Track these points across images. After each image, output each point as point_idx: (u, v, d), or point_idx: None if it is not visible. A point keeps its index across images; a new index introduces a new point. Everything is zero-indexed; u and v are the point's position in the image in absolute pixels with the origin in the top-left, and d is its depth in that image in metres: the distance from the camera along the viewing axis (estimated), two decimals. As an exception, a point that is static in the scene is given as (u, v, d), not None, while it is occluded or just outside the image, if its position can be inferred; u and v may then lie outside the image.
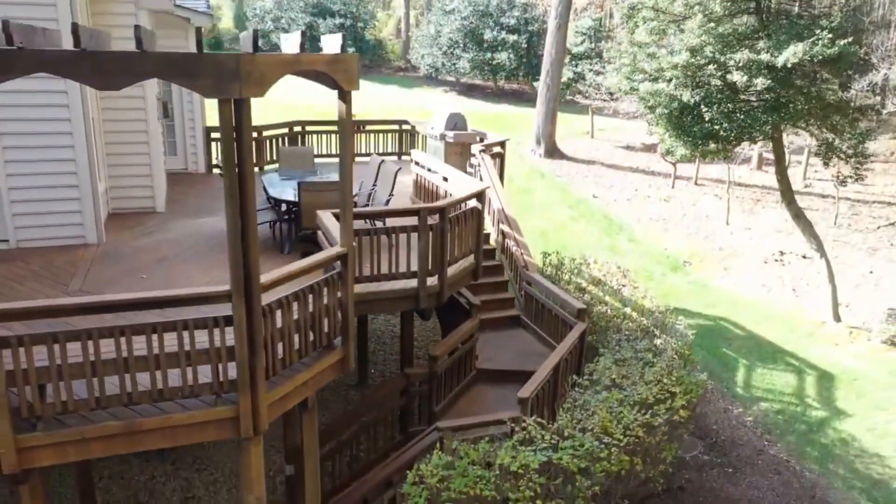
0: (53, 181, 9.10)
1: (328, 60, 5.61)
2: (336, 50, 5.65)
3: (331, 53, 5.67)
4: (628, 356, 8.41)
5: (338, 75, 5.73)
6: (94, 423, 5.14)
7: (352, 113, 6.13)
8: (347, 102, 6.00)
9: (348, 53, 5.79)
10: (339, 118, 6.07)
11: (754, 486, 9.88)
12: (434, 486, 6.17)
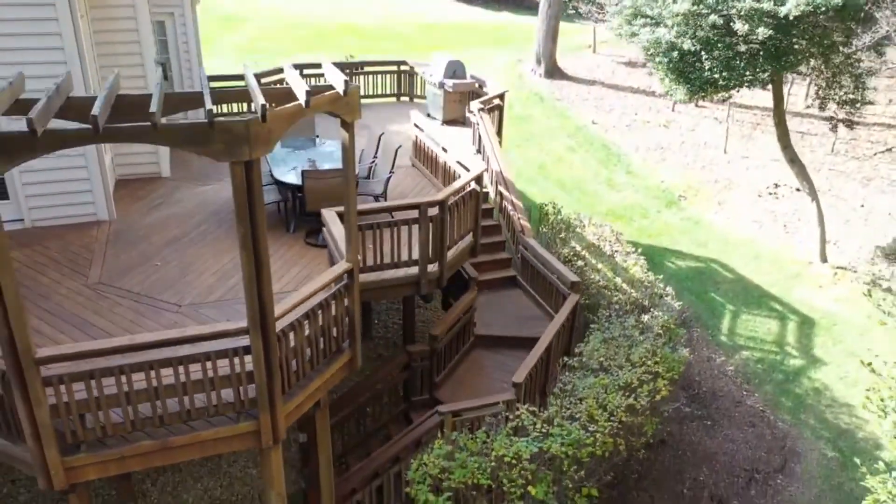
0: (62, 162, 9.28)
1: (332, 100, 5.81)
2: (340, 88, 5.82)
3: (334, 93, 5.85)
4: (616, 334, 8.98)
5: (341, 111, 5.95)
6: (131, 442, 5.74)
7: (354, 139, 6.37)
8: (350, 131, 6.23)
9: (350, 89, 5.97)
10: (343, 145, 6.32)
11: (730, 440, 10.73)
12: (436, 476, 6.88)
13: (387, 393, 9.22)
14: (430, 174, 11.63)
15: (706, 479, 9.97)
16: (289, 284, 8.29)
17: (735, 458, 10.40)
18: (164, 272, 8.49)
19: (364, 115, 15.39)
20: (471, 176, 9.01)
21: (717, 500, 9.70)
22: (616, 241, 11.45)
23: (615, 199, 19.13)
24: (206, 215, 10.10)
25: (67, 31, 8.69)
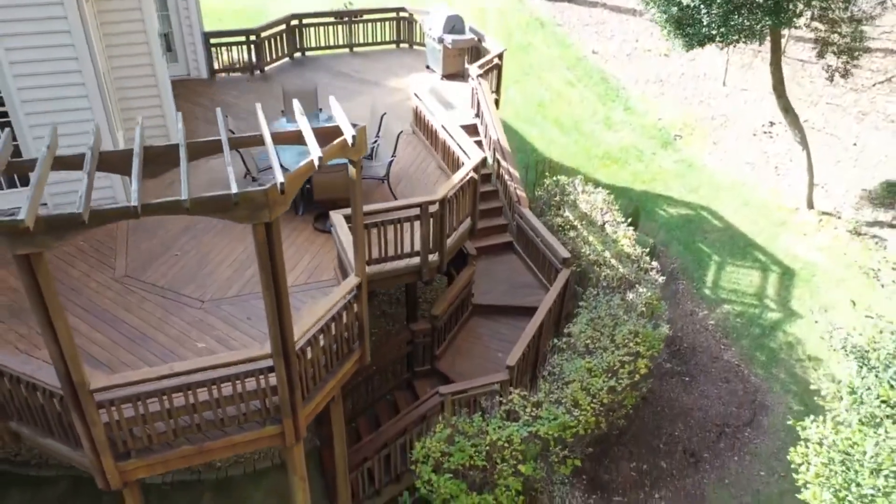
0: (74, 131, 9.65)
1: (342, 147, 6.30)
2: (349, 137, 6.29)
3: (343, 141, 6.32)
4: (602, 313, 9.76)
5: (349, 155, 6.45)
6: (174, 448, 6.63)
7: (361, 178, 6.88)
8: (357, 169, 6.74)
9: (358, 131, 6.43)
10: (351, 181, 6.84)
11: (705, 395, 11.75)
12: (437, 458, 7.86)
13: (391, 365, 10.12)
14: (429, 146, 12.05)
15: (681, 434, 11.06)
16: (301, 276, 8.98)
17: (708, 413, 11.45)
18: (183, 263, 9.15)
19: (363, 66, 15.65)
20: (469, 167, 9.50)
21: (689, 453, 10.81)
22: (608, 210, 12.01)
23: (612, 141, 19.45)
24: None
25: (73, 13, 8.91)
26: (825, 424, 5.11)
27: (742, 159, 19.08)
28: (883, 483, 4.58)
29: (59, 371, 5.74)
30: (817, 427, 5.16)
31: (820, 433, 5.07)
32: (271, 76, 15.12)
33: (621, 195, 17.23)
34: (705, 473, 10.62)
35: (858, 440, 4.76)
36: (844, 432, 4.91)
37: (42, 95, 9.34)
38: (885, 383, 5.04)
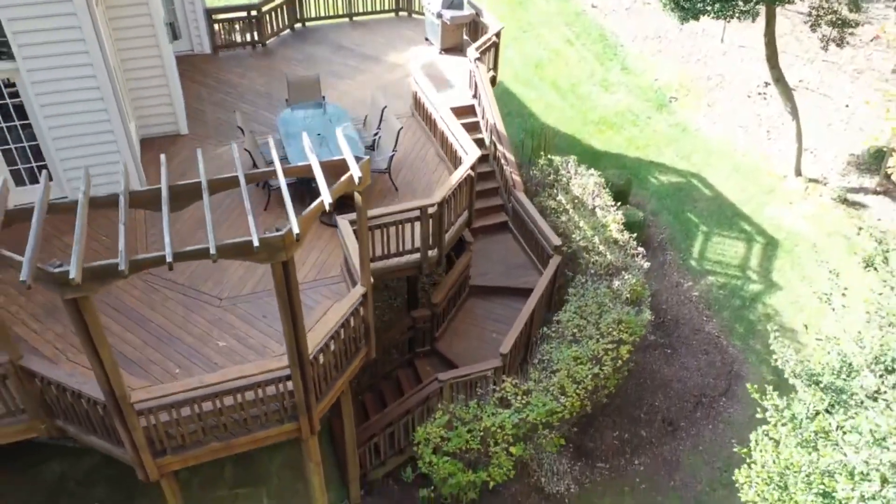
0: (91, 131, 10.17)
1: (348, 184, 6.91)
2: (357, 176, 6.87)
3: (350, 179, 6.91)
4: (589, 301, 10.52)
5: (355, 189, 7.05)
6: (203, 445, 7.51)
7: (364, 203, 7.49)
8: (364, 197, 7.35)
9: (364, 165, 7.01)
10: (357, 207, 7.45)
11: (685, 367, 12.66)
12: (436, 442, 8.78)
13: (394, 347, 10.96)
14: (428, 131, 12.53)
15: (660, 405, 12.01)
16: (310, 272, 9.69)
17: (687, 384, 12.38)
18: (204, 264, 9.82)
19: (363, 39, 15.90)
20: (466, 167, 10.07)
21: (667, 422, 11.79)
22: (598, 193, 12.58)
23: (608, 104, 19.77)
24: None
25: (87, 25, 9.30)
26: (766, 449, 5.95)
27: (735, 122, 19.45)
28: (812, 499, 5.43)
29: (103, 389, 6.54)
30: (760, 452, 6.00)
31: (762, 458, 5.91)
32: (273, 50, 15.40)
33: (615, 163, 17.76)
34: (681, 441, 11.62)
35: (795, 461, 5.59)
36: (784, 453, 5.74)
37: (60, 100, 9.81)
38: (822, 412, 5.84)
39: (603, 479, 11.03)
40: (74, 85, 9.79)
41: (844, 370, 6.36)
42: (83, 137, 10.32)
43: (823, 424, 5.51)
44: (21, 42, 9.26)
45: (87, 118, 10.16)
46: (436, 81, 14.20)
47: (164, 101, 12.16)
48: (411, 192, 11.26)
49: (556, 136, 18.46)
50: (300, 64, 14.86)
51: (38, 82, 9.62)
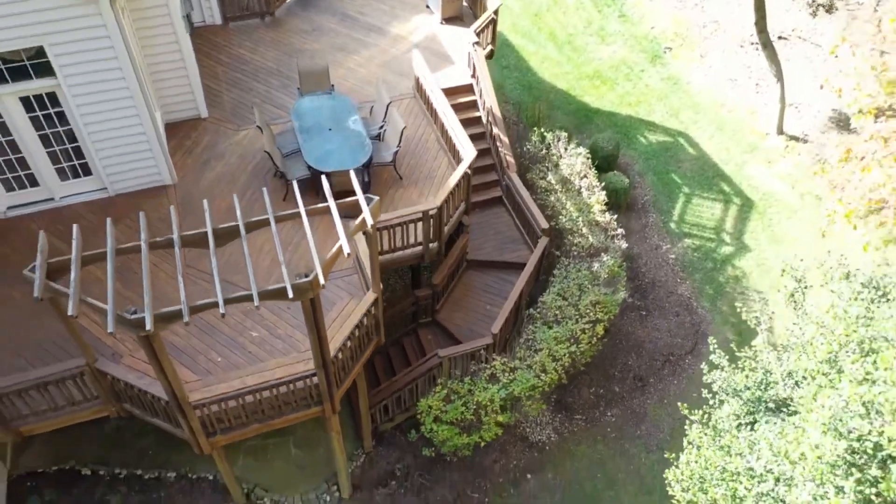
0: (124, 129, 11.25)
1: (361, 227, 8.22)
2: (369, 221, 8.15)
3: (363, 222, 8.20)
4: (571, 283, 11.98)
5: (366, 228, 8.37)
6: (246, 426, 9.23)
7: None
8: (374, 237, 8.66)
9: (375, 206, 8.29)
10: (367, 235, 8.78)
11: (657, 328, 14.27)
12: (437, 412, 10.52)
13: (400, 319, 12.54)
14: (429, 117, 13.55)
15: (633, 363, 13.73)
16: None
17: (657, 344, 14.04)
18: (230, 252, 11.17)
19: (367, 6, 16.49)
20: (463, 168, 11.27)
21: (638, 378, 13.55)
22: (585, 174, 13.74)
23: (604, 56, 20.41)
24: (249, 176, 12.45)
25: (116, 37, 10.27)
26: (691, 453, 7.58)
27: (726, 75, 20.16)
28: (723, 493, 7.09)
29: (167, 393, 8.15)
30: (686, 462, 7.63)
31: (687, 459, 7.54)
32: (281, 20, 16.08)
33: (608, 121, 18.70)
34: (649, 395, 13.41)
35: (712, 462, 7.22)
36: (704, 454, 7.36)
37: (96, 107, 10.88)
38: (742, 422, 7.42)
39: (579, 429, 12.90)
40: (109, 94, 10.82)
41: (764, 382, 7.92)
42: (117, 135, 11.44)
43: (734, 438, 7.12)
44: (61, 63, 10.26)
45: (120, 118, 11.23)
46: (436, 57, 15.09)
47: (184, 88, 13.12)
48: (414, 180, 12.47)
49: (551, 93, 19.33)
50: (308, 36, 15.61)
51: (76, 95, 10.67)
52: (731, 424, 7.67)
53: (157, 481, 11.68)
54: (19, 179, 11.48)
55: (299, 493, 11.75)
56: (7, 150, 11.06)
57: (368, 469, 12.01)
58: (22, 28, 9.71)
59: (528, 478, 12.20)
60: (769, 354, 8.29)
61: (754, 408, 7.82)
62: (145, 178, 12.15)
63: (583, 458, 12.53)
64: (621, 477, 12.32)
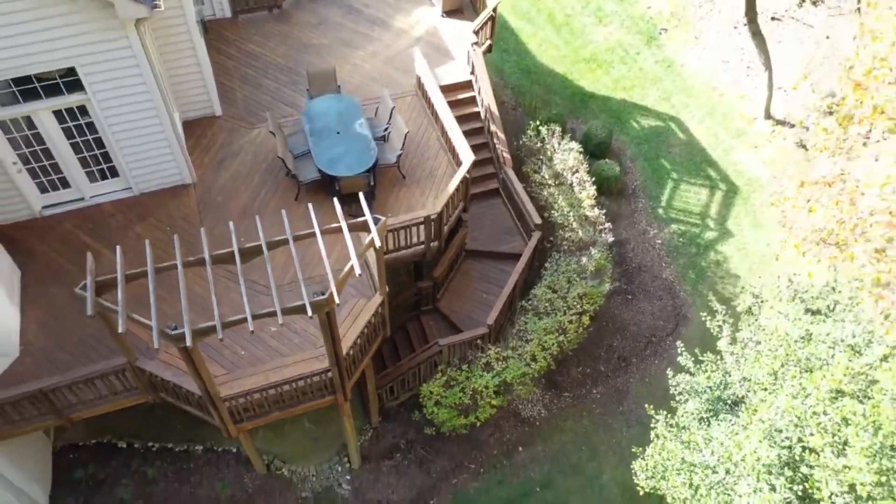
0: (146, 133, 12.16)
1: (370, 246, 9.24)
2: (377, 242, 9.16)
3: (371, 242, 9.21)
4: (560, 277, 13.05)
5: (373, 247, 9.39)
6: (269, 413, 10.46)
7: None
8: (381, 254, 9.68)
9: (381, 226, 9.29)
10: (376, 250, 9.79)
11: (641, 311, 15.40)
12: (437, 397, 11.75)
13: (404, 307, 13.68)
14: (430, 116, 14.39)
15: (618, 345, 14.91)
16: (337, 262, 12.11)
17: (641, 327, 15.20)
18: (249, 249, 12.24)
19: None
20: (461, 174, 12.20)
21: (622, 359, 14.75)
22: (577, 170, 14.63)
23: (600, 38, 20.97)
24: (263, 175, 13.38)
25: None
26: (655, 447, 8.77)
27: (719, 56, 20.77)
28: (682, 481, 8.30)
29: (201, 390, 9.34)
30: (650, 454, 8.82)
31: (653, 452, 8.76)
32: (288, 13, 16.72)
33: (602, 106, 19.44)
34: (632, 374, 14.63)
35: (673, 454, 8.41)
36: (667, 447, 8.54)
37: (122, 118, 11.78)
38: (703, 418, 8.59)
39: (567, 406, 14.17)
40: (134, 105, 11.69)
41: (723, 383, 9.08)
42: (141, 140, 12.35)
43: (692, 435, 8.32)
44: (90, 80, 11.11)
45: (144, 125, 12.11)
46: (437, 52, 15.83)
47: (200, 88, 13.93)
48: (416, 179, 13.41)
49: (549, 77, 20.01)
50: (315, 30, 16.30)
51: (104, 107, 11.55)
52: (692, 420, 8.86)
53: (186, 454, 13.01)
54: (52, 182, 12.44)
55: (313, 463, 13.09)
56: (42, 157, 11.99)
57: (375, 443, 13.33)
58: (55, 51, 10.54)
59: (520, 450, 13.52)
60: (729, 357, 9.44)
61: (714, 406, 8.99)
62: (167, 178, 13.09)
63: (569, 432, 13.83)
64: (603, 449, 13.64)
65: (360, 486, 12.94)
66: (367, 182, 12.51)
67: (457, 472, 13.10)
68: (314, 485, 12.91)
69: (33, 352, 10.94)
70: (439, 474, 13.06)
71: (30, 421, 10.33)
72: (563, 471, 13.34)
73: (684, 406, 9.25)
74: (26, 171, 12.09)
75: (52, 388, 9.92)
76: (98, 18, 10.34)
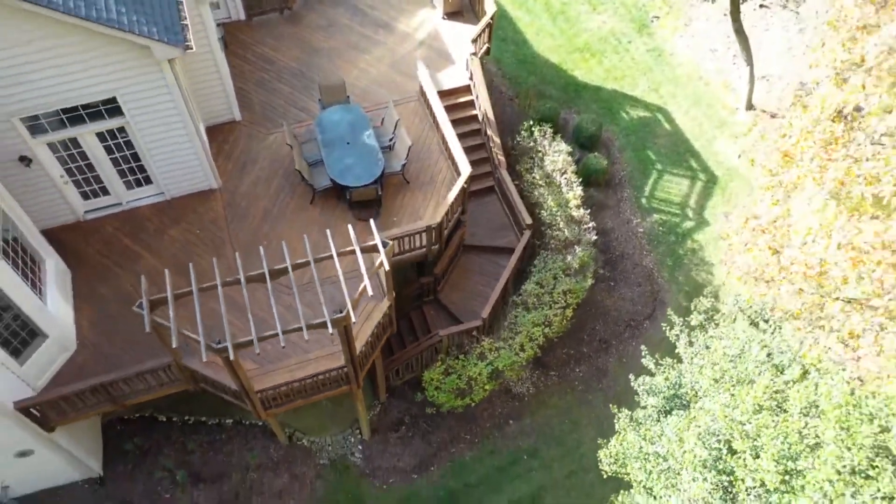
0: (176, 146, 13.56)
1: (379, 268, 10.82)
2: (386, 266, 10.72)
3: (381, 265, 10.77)
4: (547, 274, 14.65)
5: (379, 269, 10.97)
6: (293, 400, 12.27)
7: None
8: (389, 276, 11.26)
9: (389, 249, 10.85)
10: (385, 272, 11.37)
11: (622, 297, 17.06)
12: (437, 383, 13.55)
13: (408, 298, 15.35)
14: (431, 123, 15.72)
15: (600, 329, 16.63)
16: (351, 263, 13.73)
17: (621, 312, 16.88)
18: (270, 253, 13.82)
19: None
20: (459, 184, 13.67)
21: (603, 341, 16.49)
22: (565, 171, 16.03)
23: (594, 27, 21.96)
24: (280, 181, 14.84)
25: (178, 99, 12.50)
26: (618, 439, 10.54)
27: (707, 45, 21.81)
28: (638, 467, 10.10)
29: (237, 385, 11.10)
30: (613, 444, 10.59)
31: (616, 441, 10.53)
32: (299, 14, 17.80)
33: (594, 96, 20.61)
34: (612, 355, 16.39)
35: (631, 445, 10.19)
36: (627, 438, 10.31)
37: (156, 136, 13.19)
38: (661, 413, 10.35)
39: (553, 384, 15.99)
40: (165, 125, 13.07)
41: (677, 384, 10.80)
42: (172, 153, 13.76)
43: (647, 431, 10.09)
44: (129, 107, 12.48)
45: (174, 140, 13.51)
46: (439, 56, 17.03)
47: (221, 98, 15.24)
48: (419, 185, 14.87)
49: (544, 67, 21.12)
50: (324, 32, 17.43)
51: (141, 128, 12.94)
52: (650, 416, 10.62)
53: (218, 426, 14.91)
54: (94, 191, 13.94)
55: (329, 435, 15.00)
56: (85, 170, 13.46)
57: (383, 417, 15.21)
58: (99, 85, 11.90)
59: (510, 423, 15.41)
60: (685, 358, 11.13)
61: (669, 404, 10.74)
62: (196, 184, 14.56)
63: (554, 407, 15.69)
64: (584, 422, 15.51)
65: (371, 454, 14.87)
66: (375, 191, 13.98)
67: (454, 443, 15.01)
68: (330, 453, 14.85)
69: (87, 346, 12.67)
70: (439, 445, 14.98)
71: (91, 408, 12.15)
72: (547, 441, 15.25)
73: (643, 401, 11.00)
74: (71, 182, 13.57)
75: (111, 381, 11.68)
76: (137, 58, 11.65)
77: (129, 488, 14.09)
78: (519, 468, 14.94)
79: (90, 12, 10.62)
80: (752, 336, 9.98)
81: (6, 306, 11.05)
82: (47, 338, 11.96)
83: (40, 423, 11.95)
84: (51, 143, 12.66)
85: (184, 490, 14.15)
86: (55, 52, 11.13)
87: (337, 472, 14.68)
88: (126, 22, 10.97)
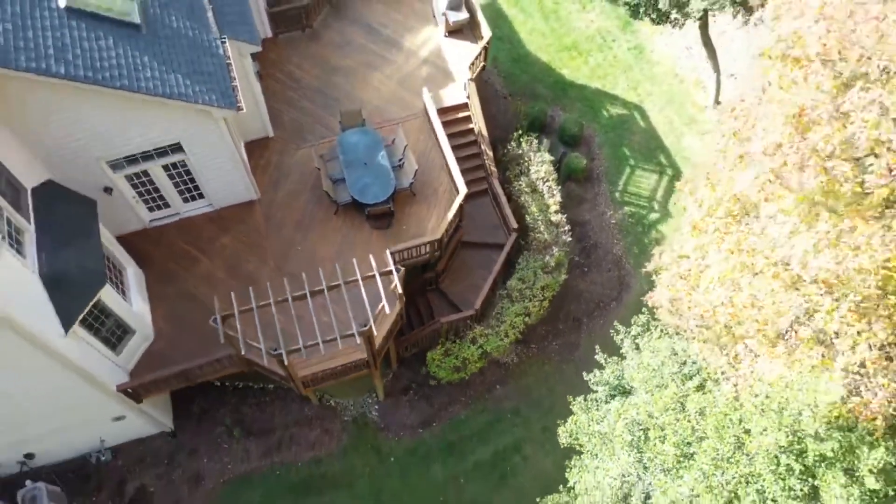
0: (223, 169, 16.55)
1: (395, 289, 14.08)
2: (399, 290, 13.96)
3: (395, 287, 14.01)
4: (528, 272, 17.88)
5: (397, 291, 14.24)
6: (325, 382, 15.83)
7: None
8: (401, 300, 14.52)
9: (401, 274, 14.07)
10: (399, 293, 14.64)
11: (593, 282, 20.33)
12: (438, 362, 17.10)
13: (414, 289, 18.68)
14: (434, 140, 18.58)
15: (574, 309, 19.99)
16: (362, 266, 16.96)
17: (593, 294, 20.19)
18: (303, 257, 17.02)
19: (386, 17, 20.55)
20: (458, 201, 16.73)
21: (576, 320, 19.90)
22: (547, 179, 18.95)
23: (581, 26, 24.25)
24: (308, 194, 17.87)
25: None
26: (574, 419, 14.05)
27: (684, 42, 24.16)
28: (587, 441, 13.65)
29: (286, 375, 14.61)
30: (569, 422, 14.10)
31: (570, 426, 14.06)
32: (318, 32, 20.27)
33: (579, 94, 23.18)
34: (582, 332, 19.82)
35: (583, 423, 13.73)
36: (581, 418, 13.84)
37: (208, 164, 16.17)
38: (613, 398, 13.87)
39: (533, 355, 19.51)
40: (216, 156, 16.04)
41: (621, 376, 14.24)
42: (220, 174, 16.77)
43: (595, 412, 13.62)
44: (189, 147, 15.41)
45: (222, 165, 16.49)
46: (441, 74, 19.67)
47: (257, 120, 18.07)
48: (424, 197, 17.90)
49: (535, 65, 23.59)
50: (342, 51, 19.96)
51: (197, 160, 15.91)
52: (599, 401, 14.13)
53: (262, 390, 18.56)
54: (158, 206, 17.03)
55: (351, 397, 18.67)
56: (152, 192, 16.51)
57: (395, 383, 18.83)
58: (169, 135, 14.82)
59: (497, 388, 19.04)
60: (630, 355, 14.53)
61: (614, 391, 14.23)
62: (239, 196, 17.62)
63: (534, 374, 19.27)
64: (558, 388, 19.10)
65: (385, 413, 18.58)
66: (388, 207, 17.06)
67: (452, 404, 18.68)
68: (352, 412, 18.55)
69: (163, 336, 16.12)
70: (440, 406, 18.65)
71: (171, 386, 15.73)
72: (528, 403, 18.91)
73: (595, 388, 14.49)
74: (140, 200, 16.67)
75: (189, 368, 15.19)
76: (198, 115, 14.52)
77: (195, 440, 17.87)
78: (504, 424, 18.66)
79: (166, 90, 13.45)
80: (673, 345, 13.33)
81: (109, 315, 14.41)
82: (135, 333, 15.39)
83: (133, 397, 15.54)
84: (127, 175, 15.67)
85: (238, 441, 17.93)
86: (138, 116, 14.01)
87: (358, 427, 18.42)
88: (191, 94, 13.79)
